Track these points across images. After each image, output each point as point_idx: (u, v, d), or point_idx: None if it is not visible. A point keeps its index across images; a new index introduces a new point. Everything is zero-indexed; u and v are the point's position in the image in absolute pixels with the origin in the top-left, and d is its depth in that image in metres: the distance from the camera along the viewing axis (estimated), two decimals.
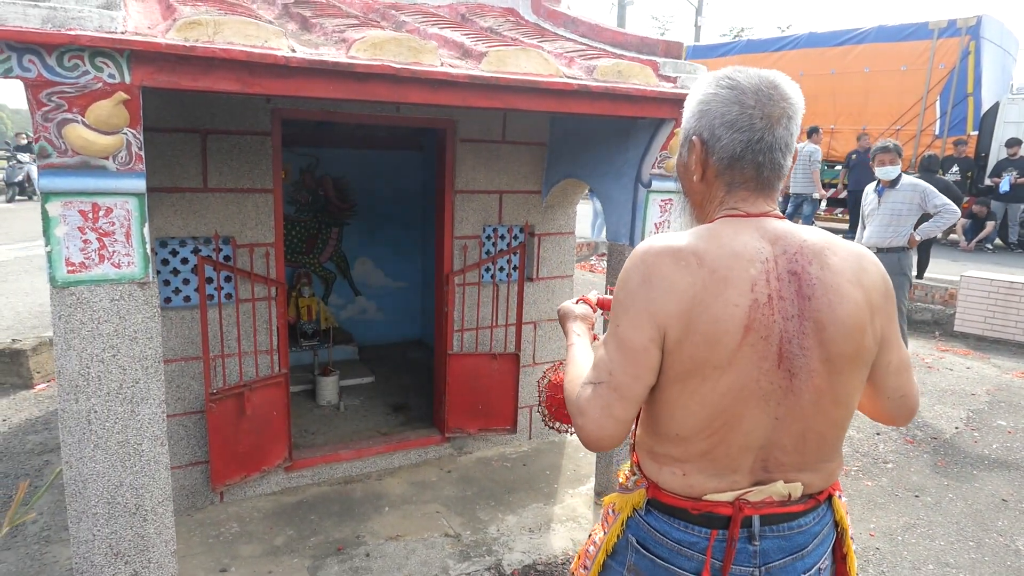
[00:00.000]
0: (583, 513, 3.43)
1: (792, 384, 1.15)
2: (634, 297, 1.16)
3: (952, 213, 4.98)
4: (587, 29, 3.47)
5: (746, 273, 1.14)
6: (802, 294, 1.15)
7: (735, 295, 1.12)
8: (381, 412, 4.40)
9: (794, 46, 13.40)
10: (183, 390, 3.18)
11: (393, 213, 5.71)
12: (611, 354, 1.18)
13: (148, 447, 2.21)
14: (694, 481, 1.21)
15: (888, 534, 3.37)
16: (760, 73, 1.21)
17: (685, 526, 1.23)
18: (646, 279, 1.15)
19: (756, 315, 1.12)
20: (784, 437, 1.19)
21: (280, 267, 3.35)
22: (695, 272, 1.13)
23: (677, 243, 1.17)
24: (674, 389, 1.17)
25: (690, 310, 1.12)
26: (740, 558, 1.21)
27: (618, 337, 1.17)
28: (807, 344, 1.15)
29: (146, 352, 2.16)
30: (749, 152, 1.20)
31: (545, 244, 4.06)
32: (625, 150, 3.19)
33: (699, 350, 1.12)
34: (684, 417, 1.18)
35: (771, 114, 1.18)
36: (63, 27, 1.81)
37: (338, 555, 2.97)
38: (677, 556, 1.24)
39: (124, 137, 1.98)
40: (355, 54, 2.25)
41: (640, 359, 1.15)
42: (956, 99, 11.36)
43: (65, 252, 2.00)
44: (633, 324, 1.15)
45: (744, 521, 1.20)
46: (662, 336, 1.14)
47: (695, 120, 1.25)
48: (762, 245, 1.17)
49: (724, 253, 1.15)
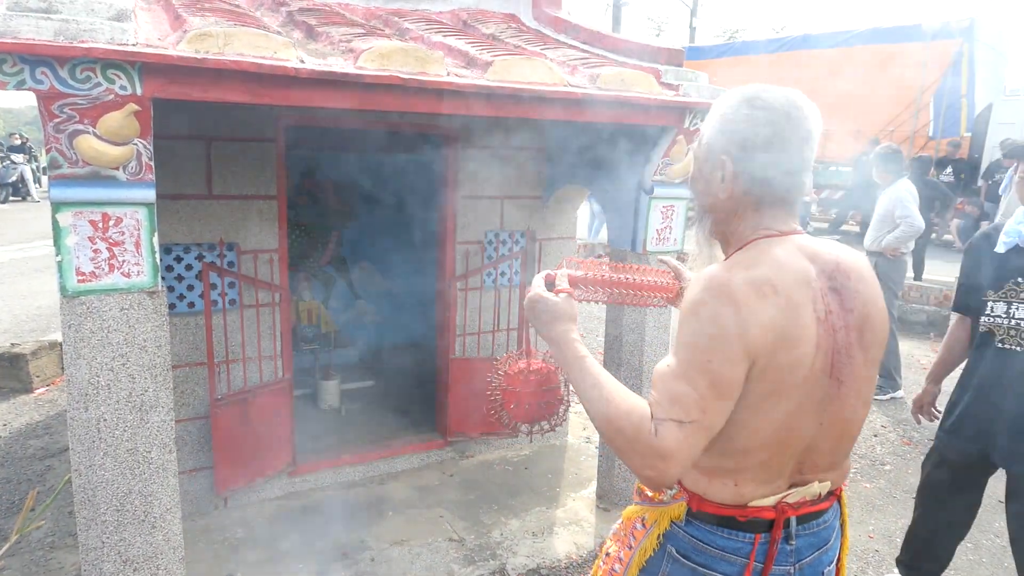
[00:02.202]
0: (586, 517, 3.45)
1: (840, 391, 1.22)
2: (726, 332, 1.12)
3: (910, 227, 4.86)
4: (588, 36, 3.50)
5: (807, 295, 1.18)
6: (845, 308, 1.22)
7: (806, 318, 1.17)
8: (382, 416, 4.41)
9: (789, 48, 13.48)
10: (187, 396, 3.19)
11: (393, 217, 5.71)
12: (701, 391, 1.11)
13: (157, 455, 2.23)
14: (745, 490, 1.24)
15: (887, 536, 3.40)
16: (784, 93, 1.24)
17: (730, 533, 1.26)
18: (736, 312, 1.12)
19: (819, 332, 1.18)
20: (825, 440, 1.25)
21: (284, 273, 3.36)
22: (774, 301, 1.14)
23: (753, 274, 1.16)
24: (747, 412, 1.17)
25: (775, 341, 1.14)
26: (779, 558, 1.27)
27: (712, 374, 1.11)
28: (852, 353, 1.22)
29: (155, 361, 2.17)
30: (780, 172, 1.23)
31: (547, 249, 4.08)
32: (627, 157, 3.21)
33: (782, 374, 1.15)
34: (750, 435, 1.20)
35: (800, 135, 1.22)
36: (76, 39, 1.82)
37: (343, 560, 2.99)
38: (719, 562, 1.27)
39: (134, 148, 1.99)
40: (363, 64, 2.26)
41: (735, 395, 1.14)
42: (950, 101, 11.45)
43: (76, 262, 2.01)
44: (729, 360, 1.11)
45: (784, 522, 1.26)
46: (749, 367, 1.14)
47: (724, 138, 1.25)
48: (807, 265, 1.22)
49: (788, 279, 1.17)
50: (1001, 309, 2.33)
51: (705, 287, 1.16)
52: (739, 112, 1.24)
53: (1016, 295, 2.30)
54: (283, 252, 3.35)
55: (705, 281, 1.16)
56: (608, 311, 3.41)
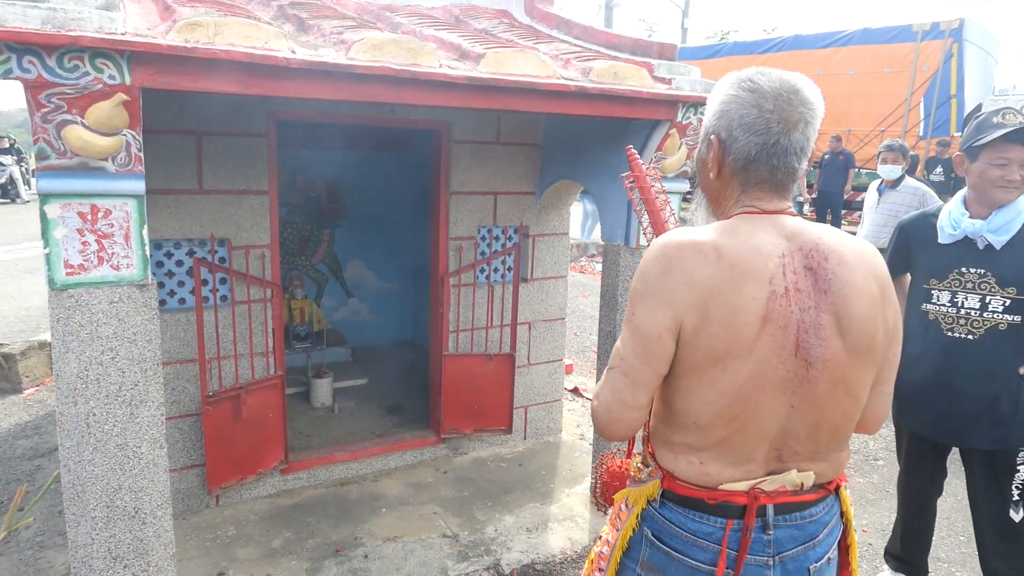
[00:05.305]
0: (580, 512, 3.44)
1: (808, 373, 1.18)
2: (652, 287, 1.19)
3: None
4: (580, 31, 3.49)
5: (764, 267, 1.17)
6: (818, 288, 1.19)
7: (754, 287, 1.16)
8: (376, 414, 4.39)
9: (780, 48, 13.52)
10: (179, 393, 3.16)
11: (385, 215, 5.70)
12: (625, 340, 1.23)
13: (147, 450, 2.20)
14: (711, 469, 1.24)
15: (880, 530, 3.41)
16: (782, 76, 1.23)
17: (700, 516, 1.25)
18: (666, 270, 1.18)
19: (774, 306, 1.16)
20: (799, 426, 1.21)
21: (276, 269, 3.34)
22: (715, 265, 1.16)
23: (698, 237, 1.20)
24: (692, 378, 1.20)
25: (708, 301, 1.15)
26: (755, 548, 1.23)
27: (633, 324, 1.21)
28: (824, 335, 1.18)
29: (145, 355, 2.15)
30: (764, 155, 1.22)
31: (539, 245, 4.08)
32: (620, 151, 3.21)
33: (718, 340, 1.15)
34: (702, 406, 1.20)
35: (788, 119, 1.21)
36: (63, 28, 1.80)
37: (336, 557, 2.97)
38: (692, 547, 1.25)
39: (123, 138, 1.97)
40: (354, 55, 2.25)
41: (652, 346, 1.19)
42: (940, 101, 11.50)
43: (64, 254, 1.99)
44: (649, 313, 1.19)
45: (759, 510, 1.23)
46: (678, 326, 1.17)
47: (715, 119, 1.28)
48: (779, 241, 1.21)
49: (743, 248, 1.18)
50: (946, 298, 2.38)
51: (650, 249, 1.23)
52: (729, 94, 1.25)
53: (961, 284, 2.34)
54: (275, 248, 3.32)
55: (654, 244, 1.23)
56: (601, 308, 3.41)
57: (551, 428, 4.33)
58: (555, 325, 4.24)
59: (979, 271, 2.31)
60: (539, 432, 4.27)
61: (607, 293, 3.35)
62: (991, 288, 2.29)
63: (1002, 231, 2.27)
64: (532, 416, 4.23)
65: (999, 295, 2.28)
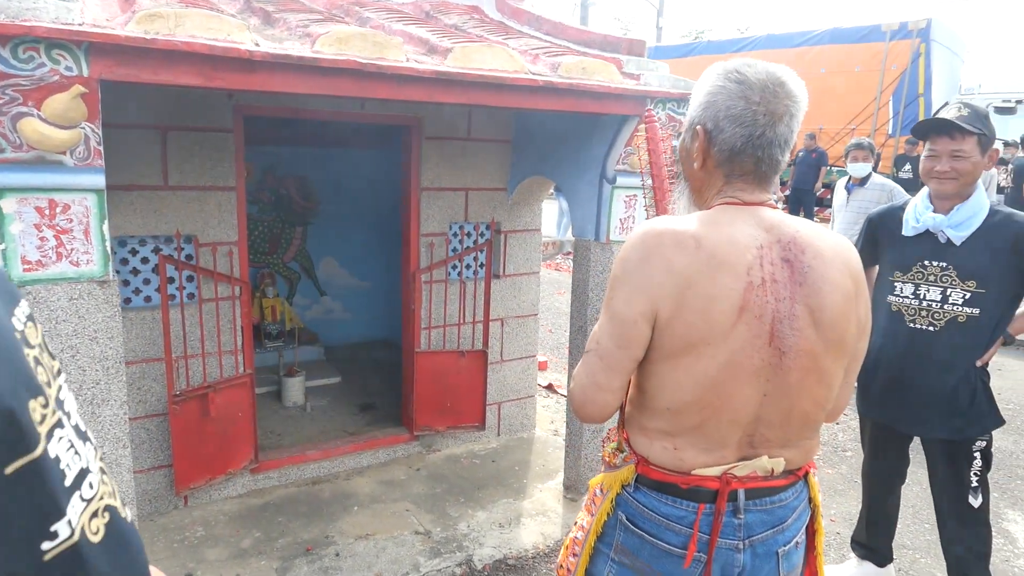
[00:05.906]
0: (552, 507, 3.45)
1: (782, 362, 1.20)
2: (631, 273, 1.21)
3: None
4: (551, 27, 3.50)
5: (742, 258, 1.18)
6: (794, 280, 1.21)
7: (731, 277, 1.17)
8: (348, 412, 4.36)
9: (752, 47, 13.68)
10: (145, 392, 3.11)
11: (357, 212, 5.66)
12: (602, 325, 1.26)
13: (110, 450, 2.17)
14: (685, 455, 1.25)
15: (848, 519, 3.46)
16: (768, 68, 1.23)
17: (673, 500, 1.27)
18: (644, 257, 1.20)
19: (750, 296, 1.18)
20: (772, 413, 1.24)
21: (244, 266, 3.30)
22: (693, 254, 1.17)
23: (679, 226, 1.21)
24: (667, 365, 1.21)
25: (685, 290, 1.17)
26: (726, 531, 1.25)
27: (611, 309, 1.24)
28: (798, 326, 1.20)
29: (107, 352, 2.12)
30: (749, 147, 1.23)
31: (512, 241, 4.08)
32: (590, 147, 3.22)
33: (693, 328, 1.17)
34: (676, 392, 1.22)
35: (774, 111, 1.22)
36: (17, 17, 1.77)
37: (307, 555, 2.95)
38: (664, 531, 1.27)
39: (82, 132, 1.93)
40: (320, 49, 2.23)
41: (628, 331, 1.21)
42: (908, 99, 11.72)
43: (21, 250, 1.95)
44: (626, 298, 1.21)
45: (730, 495, 1.25)
46: (654, 313, 1.19)
47: (701, 110, 1.28)
48: (757, 232, 1.22)
49: (722, 238, 1.19)
50: (909, 291, 2.42)
51: (631, 235, 1.25)
52: (716, 84, 1.26)
53: (924, 277, 2.39)
54: (243, 245, 3.28)
55: (635, 230, 1.24)
56: (572, 303, 3.42)
57: (525, 424, 4.34)
58: (528, 321, 4.24)
59: (940, 264, 2.36)
60: (513, 428, 4.28)
61: (578, 288, 3.36)
62: (952, 281, 2.34)
63: (962, 227, 2.31)
64: (505, 412, 4.24)
65: (959, 288, 2.33)
